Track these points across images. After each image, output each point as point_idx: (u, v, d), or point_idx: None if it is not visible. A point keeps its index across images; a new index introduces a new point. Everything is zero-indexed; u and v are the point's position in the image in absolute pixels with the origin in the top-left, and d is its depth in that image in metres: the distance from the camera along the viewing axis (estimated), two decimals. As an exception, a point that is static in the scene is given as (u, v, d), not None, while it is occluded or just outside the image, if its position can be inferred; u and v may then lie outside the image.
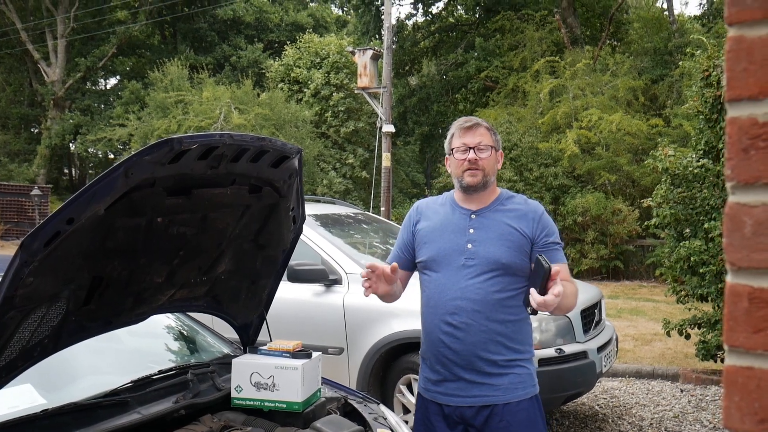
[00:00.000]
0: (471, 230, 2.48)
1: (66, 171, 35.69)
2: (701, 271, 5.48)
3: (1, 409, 2.09)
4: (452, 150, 2.53)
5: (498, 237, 2.44)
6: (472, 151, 2.46)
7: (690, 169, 5.54)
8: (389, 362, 4.53)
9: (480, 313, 2.41)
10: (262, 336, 2.83)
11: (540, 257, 2.22)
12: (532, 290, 2.19)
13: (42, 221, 1.77)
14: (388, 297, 2.61)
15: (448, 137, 2.57)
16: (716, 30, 16.93)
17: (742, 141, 0.64)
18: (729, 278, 0.66)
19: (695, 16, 22.98)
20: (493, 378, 2.44)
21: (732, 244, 0.65)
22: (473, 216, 2.50)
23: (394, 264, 2.40)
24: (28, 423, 2.05)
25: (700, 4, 22.66)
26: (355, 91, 18.07)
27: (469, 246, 2.46)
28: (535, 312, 2.26)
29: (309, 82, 22.82)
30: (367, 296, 2.47)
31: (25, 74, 32.02)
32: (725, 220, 0.66)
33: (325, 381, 2.81)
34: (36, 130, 32.56)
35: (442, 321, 2.49)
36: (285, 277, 3.52)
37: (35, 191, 22.27)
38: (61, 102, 28.83)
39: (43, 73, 29.28)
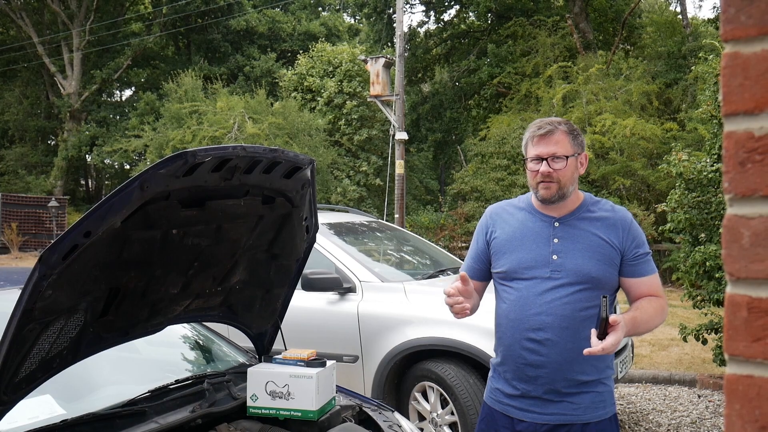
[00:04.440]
0: (555, 240, 2.27)
1: (83, 182, 36.02)
2: (717, 275, 5.45)
3: (21, 420, 2.12)
4: (527, 158, 2.31)
5: (586, 248, 2.25)
6: (545, 162, 2.23)
7: (705, 173, 5.52)
8: (404, 370, 4.54)
9: (568, 330, 2.23)
10: (277, 345, 2.85)
11: (602, 300, 2.06)
12: (593, 333, 2.05)
13: (60, 234, 1.81)
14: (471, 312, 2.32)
15: (523, 142, 2.35)
16: (730, 33, 16.80)
17: (738, 154, 0.66)
18: (728, 288, 0.67)
19: (709, 20, 22.85)
20: (574, 396, 2.27)
21: (731, 255, 0.66)
22: (557, 224, 2.29)
23: (463, 274, 2.19)
24: (48, 433, 2.09)
25: (714, 7, 22.55)
26: (368, 99, 18.12)
27: (555, 257, 2.26)
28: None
29: (322, 91, 22.92)
30: (461, 318, 2.22)
31: (42, 87, 32.40)
32: (724, 232, 0.67)
33: (340, 389, 2.83)
34: (53, 143, 32.91)
35: (524, 337, 2.28)
36: (299, 285, 3.55)
37: (52, 203, 22.52)
38: (78, 114, 29.14)
39: (59, 85, 29.63)
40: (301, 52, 25.86)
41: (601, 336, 2.03)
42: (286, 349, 2.66)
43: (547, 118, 2.33)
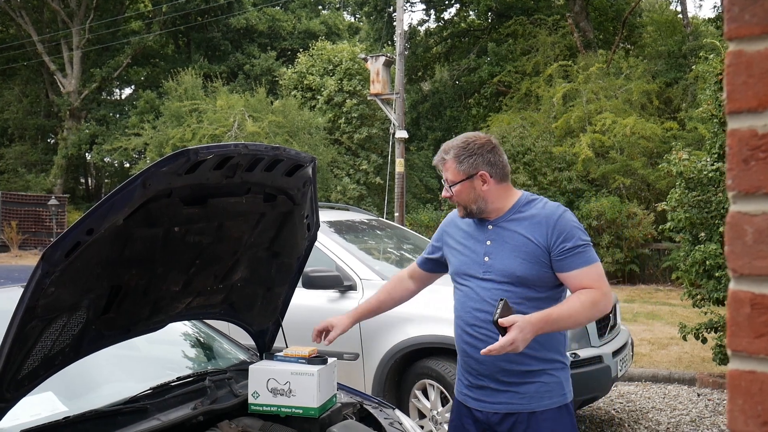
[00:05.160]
0: (488, 242, 2.44)
1: (82, 180, 35.97)
2: (717, 274, 5.45)
3: (23, 417, 2.13)
4: None
5: (512, 248, 2.39)
6: (444, 187, 2.50)
7: (705, 172, 5.52)
8: (404, 367, 4.55)
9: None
10: (278, 342, 2.86)
11: (498, 303, 2.17)
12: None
13: (62, 232, 1.81)
14: (386, 308, 2.89)
15: None
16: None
17: (742, 152, 0.66)
18: (731, 285, 0.68)
19: (709, 19, 22.84)
20: (518, 386, 2.40)
21: (734, 251, 0.67)
22: (490, 227, 2.46)
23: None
24: (50, 430, 2.09)
25: (714, 6, 22.54)
26: (368, 98, 18.11)
27: (486, 259, 2.42)
28: None
29: (322, 89, 22.90)
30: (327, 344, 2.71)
31: (42, 85, 32.35)
32: (727, 229, 0.68)
33: (341, 386, 2.84)
34: (52, 141, 32.85)
35: (464, 331, 2.48)
36: (300, 283, 3.55)
37: (52, 201, 22.52)
38: (77, 112, 29.10)
39: (59, 84, 29.59)
40: (301, 50, 25.82)
41: (504, 333, 2.15)
42: (287, 347, 2.67)
43: (446, 144, 2.50)
